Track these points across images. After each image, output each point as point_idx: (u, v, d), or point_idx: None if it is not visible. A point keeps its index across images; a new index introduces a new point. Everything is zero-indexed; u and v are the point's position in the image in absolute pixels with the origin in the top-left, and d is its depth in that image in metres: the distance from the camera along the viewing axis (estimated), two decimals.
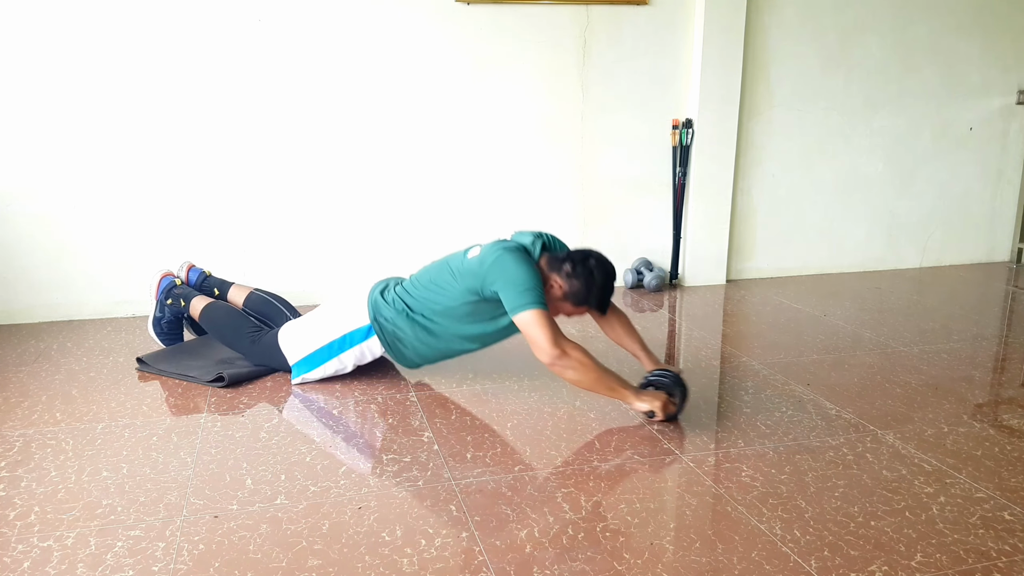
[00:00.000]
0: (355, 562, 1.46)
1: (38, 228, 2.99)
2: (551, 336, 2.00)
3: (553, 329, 2.02)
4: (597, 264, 2.16)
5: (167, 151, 3.04)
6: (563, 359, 2.00)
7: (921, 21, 3.82)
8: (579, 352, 2.02)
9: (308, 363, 2.36)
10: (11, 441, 1.97)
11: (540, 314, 2.02)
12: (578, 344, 2.04)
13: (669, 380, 2.13)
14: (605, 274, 2.16)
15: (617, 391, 2.06)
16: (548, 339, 2.00)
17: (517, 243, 2.19)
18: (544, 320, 2.02)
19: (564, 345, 2.01)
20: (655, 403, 2.05)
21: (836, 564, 1.45)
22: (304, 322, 2.42)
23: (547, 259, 2.18)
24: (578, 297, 2.15)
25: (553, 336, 2.01)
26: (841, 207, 3.94)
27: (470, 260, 2.19)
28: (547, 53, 3.35)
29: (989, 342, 2.86)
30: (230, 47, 3.02)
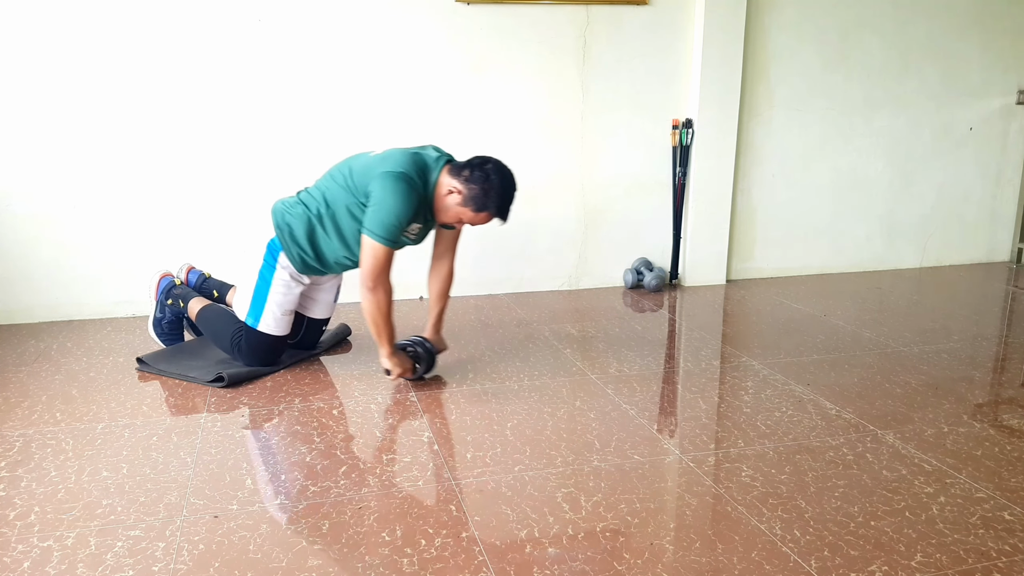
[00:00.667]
0: (355, 562, 1.46)
1: (38, 228, 2.99)
2: (379, 269, 2.20)
3: (384, 266, 2.21)
4: (495, 168, 2.24)
5: (167, 151, 3.04)
6: (373, 293, 2.22)
7: (921, 21, 3.82)
8: (386, 298, 2.24)
9: (255, 309, 2.40)
10: (11, 441, 1.97)
11: (385, 250, 2.20)
12: (391, 292, 2.25)
13: (422, 351, 2.38)
14: (503, 178, 2.24)
15: (381, 340, 2.29)
16: (375, 269, 2.20)
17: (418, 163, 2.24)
18: (383, 256, 2.20)
19: (382, 284, 2.22)
20: (396, 369, 2.32)
21: (836, 564, 1.45)
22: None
23: (449, 167, 2.27)
24: (477, 201, 2.22)
25: (380, 270, 2.20)
26: (841, 207, 3.94)
27: (372, 158, 2.30)
28: (547, 53, 3.35)
29: (989, 342, 2.86)
30: (230, 47, 3.02)
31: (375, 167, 2.23)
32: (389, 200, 2.16)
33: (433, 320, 2.53)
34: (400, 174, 2.18)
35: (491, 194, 2.21)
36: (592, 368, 2.53)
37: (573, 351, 2.70)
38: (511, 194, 2.26)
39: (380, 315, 2.24)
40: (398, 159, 2.23)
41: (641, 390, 2.34)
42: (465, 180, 2.22)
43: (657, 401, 2.27)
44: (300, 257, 2.38)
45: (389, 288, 2.25)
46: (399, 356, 2.33)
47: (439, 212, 2.30)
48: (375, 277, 2.20)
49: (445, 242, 2.50)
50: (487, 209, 2.24)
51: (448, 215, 2.29)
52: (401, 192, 2.17)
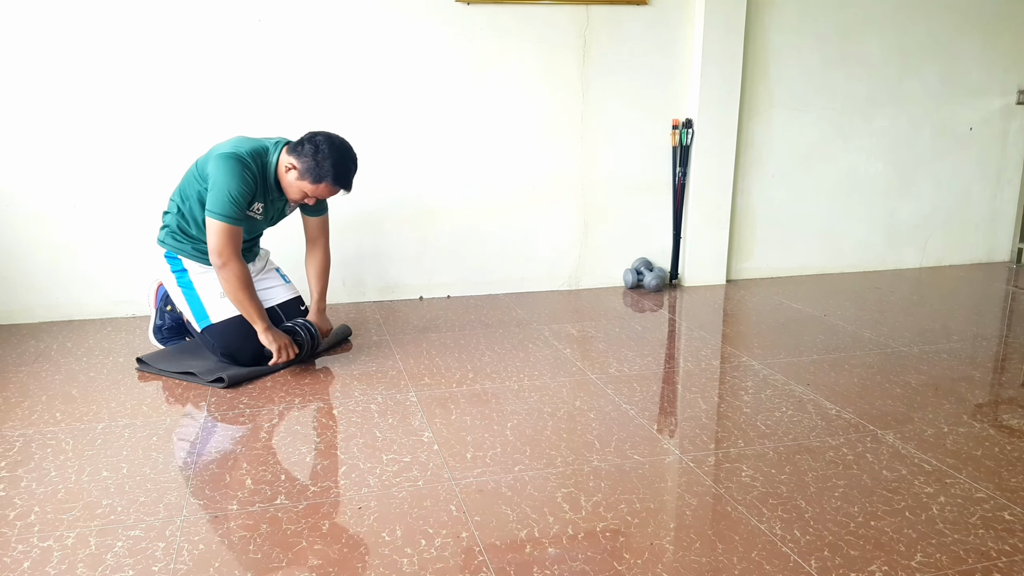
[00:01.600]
0: (355, 562, 1.46)
1: (38, 228, 2.99)
2: (223, 244, 2.27)
3: (230, 242, 2.27)
4: (325, 138, 2.32)
5: (167, 152, 3.04)
6: (223, 269, 2.28)
7: (921, 21, 3.82)
8: (237, 270, 2.29)
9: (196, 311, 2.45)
10: (11, 441, 1.97)
11: (225, 227, 2.26)
12: (243, 266, 2.32)
13: (297, 331, 2.46)
14: (333, 147, 2.30)
15: (255, 320, 2.36)
16: (220, 246, 2.26)
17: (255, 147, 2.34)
18: (227, 233, 2.27)
19: (230, 258, 2.28)
20: (273, 345, 2.38)
21: (836, 564, 1.45)
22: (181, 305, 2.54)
23: (287, 147, 2.35)
24: (313, 172, 2.31)
25: (225, 246, 2.27)
26: (841, 207, 3.94)
27: (214, 147, 2.38)
28: (547, 53, 3.35)
29: (989, 342, 2.86)
30: (230, 48, 3.02)
31: (212, 152, 2.34)
32: (221, 178, 2.26)
33: (315, 300, 2.65)
34: (230, 154, 2.28)
35: (324, 164, 2.29)
36: (592, 368, 2.53)
37: (573, 351, 2.70)
38: (346, 163, 2.34)
39: (239, 289, 2.31)
40: (232, 142, 2.35)
41: (641, 390, 2.34)
42: (299, 155, 2.31)
43: (657, 401, 2.27)
44: (194, 249, 2.46)
45: (240, 263, 2.31)
46: (274, 332, 2.40)
47: (286, 191, 2.40)
48: (220, 253, 2.27)
49: (312, 229, 2.62)
50: (324, 179, 2.31)
51: (292, 191, 2.38)
52: (231, 170, 2.26)
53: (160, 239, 2.51)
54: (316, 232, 2.63)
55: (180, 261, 2.47)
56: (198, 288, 2.45)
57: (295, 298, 2.68)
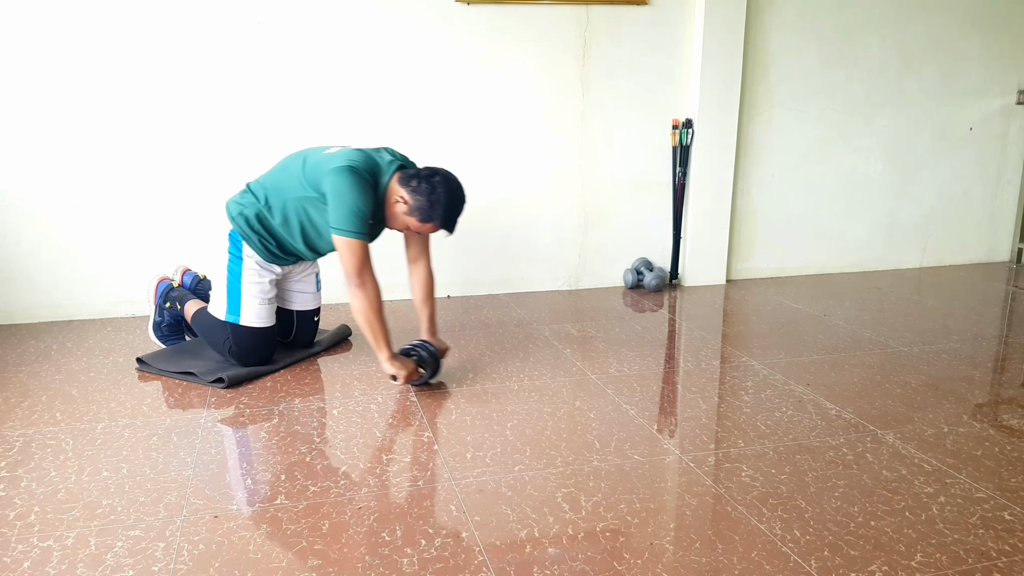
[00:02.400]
0: (355, 562, 1.46)
1: (38, 228, 2.99)
2: (359, 264, 2.19)
3: (364, 259, 2.20)
4: (443, 180, 2.23)
5: (167, 152, 3.04)
6: (361, 289, 2.20)
7: (921, 21, 3.82)
8: (373, 292, 2.21)
9: (232, 306, 2.40)
10: (11, 441, 1.97)
11: (359, 244, 2.19)
12: (378, 286, 2.22)
13: (423, 355, 2.32)
14: (450, 190, 2.23)
15: (380, 345, 2.24)
16: (357, 265, 2.19)
17: (371, 162, 2.25)
18: (360, 250, 2.19)
19: (367, 278, 2.21)
20: (401, 372, 2.25)
21: (836, 564, 1.45)
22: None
23: (399, 175, 2.26)
24: (423, 212, 2.23)
25: (361, 265, 2.20)
26: (841, 207, 3.94)
27: (325, 156, 2.28)
28: (547, 53, 3.35)
29: (989, 342, 2.85)
30: (229, 49, 3.01)
31: (327, 163, 2.24)
32: (346, 194, 2.17)
33: (426, 323, 2.49)
34: (350, 168, 2.18)
35: (437, 207, 2.21)
36: (592, 368, 2.53)
37: (573, 351, 2.70)
38: (458, 207, 2.27)
39: (372, 311, 2.21)
40: (349, 155, 2.25)
41: (641, 390, 2.34)
42: (412, 190, 2.22)
43: (657, 401, 2.27)
44: (262, 244, 2.39)
45: (376, 282, 2.23)
46: (400, 359, 2.29)
47: (388, 219, 2.31)
48: (359, 273, 2.19)
49: (416, 246, 2.48)
50: (432, 221, 2.24)
51: (396, 223, 2.31)
52: (356, 185, 2.17)
53: (231, 215, 2.39)
54: (419, 251, 2.47)
55: (242, 247, 2.39)
56: (244, 285, 2.39)
57: (316, 309, 2.67)
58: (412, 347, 2.35)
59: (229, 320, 2.41)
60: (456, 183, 2.26)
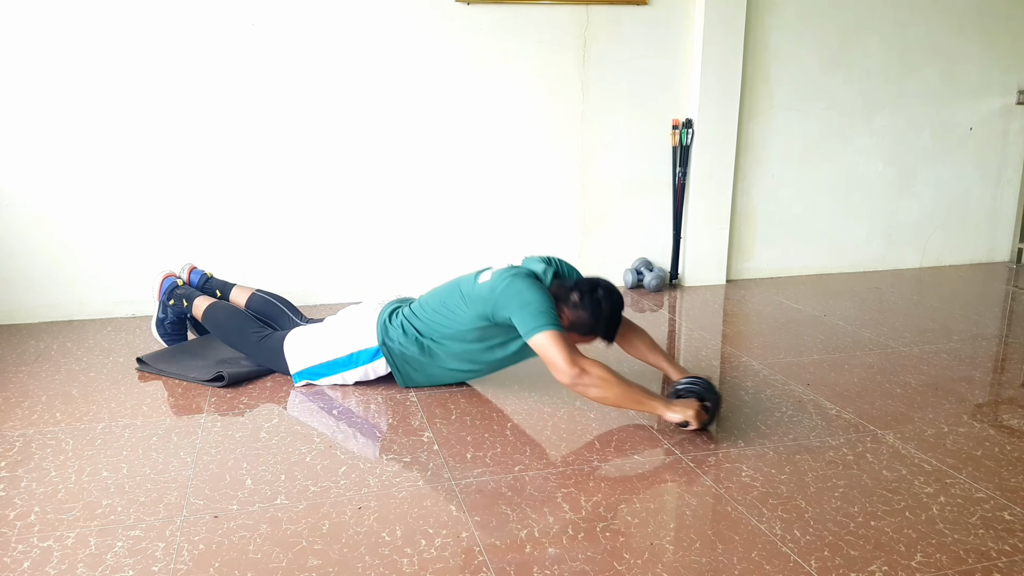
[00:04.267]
0: (355, 562, 1.46)
1: (38, 228, 2.99)
2: (568, 356, 1.97)
3: (569, 349, 2.00)
4: (605, 294, 2.13)
5: (166, 153, 3.04)
6: (583, 377, 1.97)
7: (921, 21, 3.82)
8: (599, 369, 1.98)
9: (310, 374, 2.36)
10: (11, 441, 1.97)
11: (555, 335, 2.00)
12: (597, 361, 2.00)
13: (700, 388, 2.07)
14: (612, 304, 2.14)
15: (646, 404, 2.01)
16: (565, 360, 1.97)
17: (528, 269, 2.18)
18: (560, 341, 1.99)
19: (583, 363, 1.98)
20: (688, 412, 1.98)
21: (836, 564, 1.45)
22: (313, 333, 2.38)
23: (556, 287, 2.16)
24: (585, 327, 2.14)
25: (570, 356, 1.98)
26: (841, 207, 3.94)
27: (480, 285, 2.17)
28: (547, 53, 3.35)
29: (989, 342, 2.85)
30: (229, 49, 3.01)
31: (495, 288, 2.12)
32: (527, 294, 2.06)
33: (668, 366, 2.29)
34: (521, 273, 2.12)
35: (600, 322, 2.13)
36: None
37: None
38: (619, 319, 2.18)
39: (614, 387, 1.98)
40: (510, 269, 2.16)
41: None
42: (573, 305, 2.12)
43: None
44: (406, 372, 2.32)
45: (594, 361, 2.00)
46: (679, 402, 2.03)
47: None
48: (572, 364, 1.97)
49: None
50: (594, 334, 2.17)
51: None
52: (532, 285, 2.08)
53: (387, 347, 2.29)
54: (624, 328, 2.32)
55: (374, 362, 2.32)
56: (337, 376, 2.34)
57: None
58: (679, 388, 2.11)
59: (293, 371, 2.35)
60: (618, 296, 2.16)
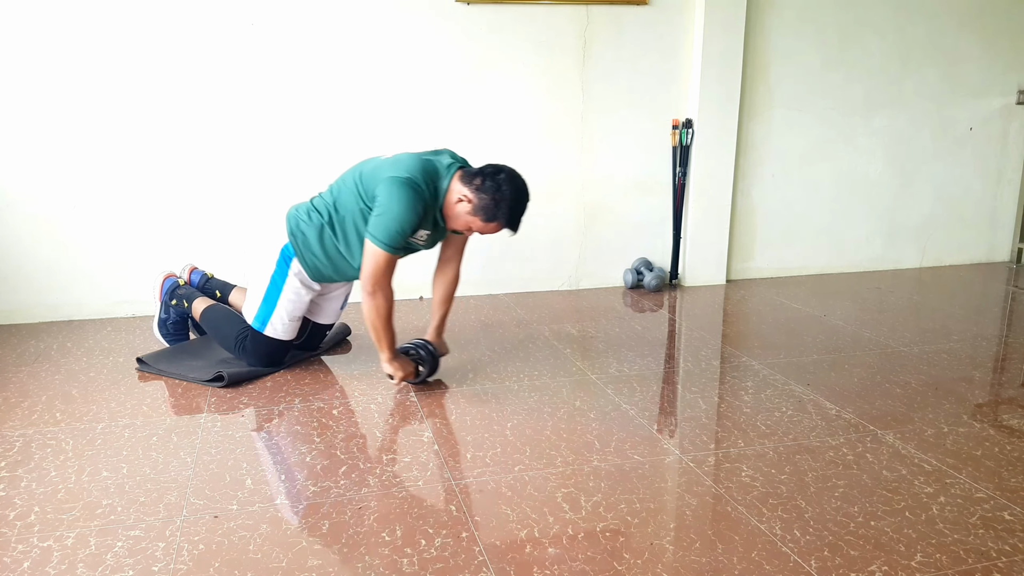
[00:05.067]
0: (355, 562, 1.46)
1: (38, 229, 2.99)
2: (379, 273, 2.19)
3: (385, 272, 2.20)
4: (508, 178, 2.19)
5: (165, 153, 3.04)
6: (372, 297, 2.21)
7: (921, 21, 3.82)
8: (385, 303, 2.22)
9: (264, 311, 2.40)
10: (11, 441, 1.97)
11: (385, 256, 2.18)
12: (391, 297, 2.23)
13: (424, 354, 2.35)
14: (515, 189, 2.19)
15: (381, 345, 2.27)
16: (375, 274, 2.18)
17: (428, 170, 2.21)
18: (385, 261, 2.18)
19: (382, 288, 2.21)
20: (399, 372, 2.29)
21: (836, 564, 1.45)
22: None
23: (461, 174, 2.23)
24: (488, 211, 2.18)
25: (380, 275, 2.19)
26: (841, 207, 3.94)
27: (382, 161, 2.28)
28: (547, 53, 3.35)
29: (989, 342, 2.86)
30: (229, 49, 3.01)
31: (383, 171, 2.21)
32: (394, 207, 2.13)
33: (436, 323, 2.51)
34: (407, 179, 2.15)
35: (502, 205, 2.17)
36: (592, 368, 2.53)
37: (573, 351, 2.70)
38: (523, 205, 2.21)
39: (380, 320, 2.22)
40: (407, 164, 2.20)
41: (641, 390, 2.34)
42: (476, 189, 2.17)
43: (657, 401, 2.27)
44: (314, 265, 2.37)
45: (390, 293, 2.23)
46: (400, 360, 2.30)
47: (449, 219, 2.26)
48: (375, 282, 2.19)
49: (453, 247, 2.48)
50: (497, 219, 2.19)
51: (458, 223, 2.25)
52: (407, 199, 2.13)
53: (291, 230, 2.37)
54: (455, 250, 2.48)
55: (291, 263, 2.37)
56: (282, 299, 2.38)
57: (331, 325, 2.66)
58: (413, 346, 2.37)
59: (255, 326, 2.41)
60: (521, 181, 2.21)
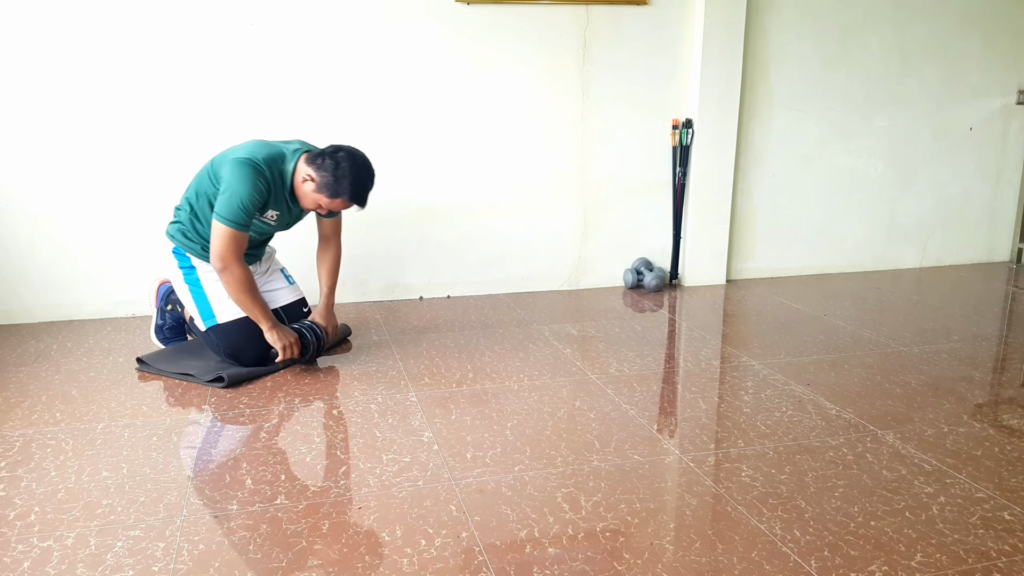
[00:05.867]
0: (355, 562, 1.46)
1: (38, 229, 2.99)
2: (225, 248, 2.26)
3: (232, 246, 2.27)
4: (347, 155, 2.31)
5: (165, 153, 3.04)
6: (223, 272, 2.29)
7: (921, 21, 3.82)
8: (239, 273, 2.30)
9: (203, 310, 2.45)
10: (11, 441, 1.97)
11: (230, 232, 2.26)
12: (244, 268, 2.32)
13: (308, 334, 2.45)
14: (354, 164, 2.31)
15: (259, 318, 2.37)
16: (222, 249, 2.26)
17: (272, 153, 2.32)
18: (231, 237, 2.26)
19: (231, 261, 2.28)
20: (278, 343, 2.38)
21: (836, 564, 1.45)
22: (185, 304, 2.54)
23: (306, 156, 2.34)
24: (330, 188, 2.30)
25: (227, 250, 2.27)
26: (841, 207, 3.94)
27: (229, 149, 2.38)
28: (547, 53, 3.35)
29: (989, 342, 2.86)
30: (231, 49, 3.01)
31: (229, 154, 2.33)
32: (235, 184, 2.25)
33: (323, 301, 2.63)
34: (246, 160, 2.27)
35: (343, 181, 2.28)
36: (592, 368, 2.53)
37: (573, 351, 2.70)
38: (365, 180, 2.33)
39: (240, 291, 2.31)
40: (249, 147, 2.34)
41: (641, 390, 2.34)
42: (318, 167, 2.30)
43: (657, 401, 2.27)
44: (204, 249, 2.44)
45: (241, 266, 2.31)
46: (280, 329, 2.40)
47: (300, 199, 2.39)
48: (223, 257, 2.27)
49: (326, 227, 2.62)
50: (341, 195, 2.31)
51: (307, 201, 2.38)
52: (246, 176, 2.25)
53: (170, 233, 2.49)
54: (329, 231, 2.63)
55: (189, 259, 2.46)
56: (206, 287, 2.45)
57: (299, 300, 2.68)
58: (299, 326, 2.49)
59: (209, 326, 2.44)
60: (361, 157, 2.34)
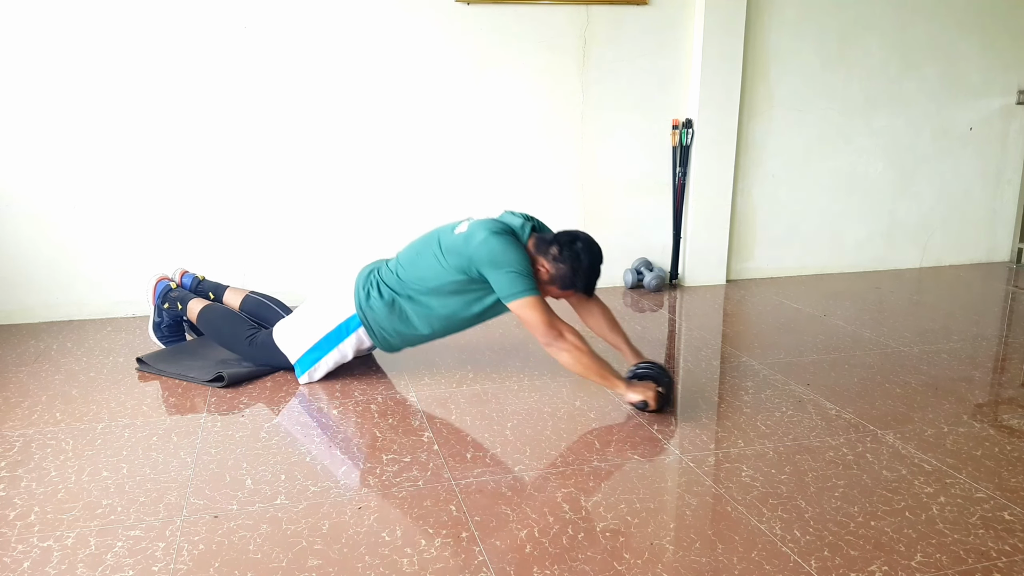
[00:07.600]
0: (355, 562, 1.46)
1: (38, 229, 2.99)
2: (547, 320, 2.08)
3: (548, 312, 2.09)
4: (584, 247, 2.17)
5: (164, 154, 3.04)
6: (559, 341, 2.07)
7: (921, 21, 3.82)
8: (575, 336, 2.08)
9: (309, 358, 2.35)
10: (11, 441, 1.97)
11: (535, 300, 2.08)
12: (574, 328, 2.10)
13: (654, 372, 2.17)
14: (592, 256, 2.18)
15: (608, 379, 2.10)
16: (544, 322, 2.07)
17: (506, 224, 2.19)
18: (539, 306, 2.08)
19: (560, 327, 2.08)
20: (648, 393, 2.09)
21: (836, 564, 1.45)
22: (297, 318, 2.40)
23: (535, 241, 2.20)
24: (564, 281, 2.17)
25: (549, 320, 2.08)
26: (841, 207, 3.94)
27: (457, 236, 2.19)
28: (547, 53, 3.35)
29: (989, 342, 2.85)
30: (226, 51, 3.01)
31: (469, 241, 2.13)
32: (505, 255, 2.08)
33: (626, 347, 2.31)
34: (498, 231, 2.12)
35: (579, 274, 2.15)
36: None
37: None
38: (599, 273, 2.20)
39: (584, 356, 2.07)
40: (487, 223, 2.16)
41: None
42: (553, 259, 2.14)
43: None
44: (383, 338, 2.32)
45: (571, 328, 2.10)
46: (639, 384, 2.12)
47: None
48: (549, 328, 2.07)
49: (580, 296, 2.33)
50: (573, 288, 2.18)
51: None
52: (509, 243, 2.10)
53: (359, 306, 2.28)
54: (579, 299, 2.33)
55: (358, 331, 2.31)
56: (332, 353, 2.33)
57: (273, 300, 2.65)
58: (636, 371, 2.19)
59: (297, 370, 2.36)
60: (597, 248, 2.18)
